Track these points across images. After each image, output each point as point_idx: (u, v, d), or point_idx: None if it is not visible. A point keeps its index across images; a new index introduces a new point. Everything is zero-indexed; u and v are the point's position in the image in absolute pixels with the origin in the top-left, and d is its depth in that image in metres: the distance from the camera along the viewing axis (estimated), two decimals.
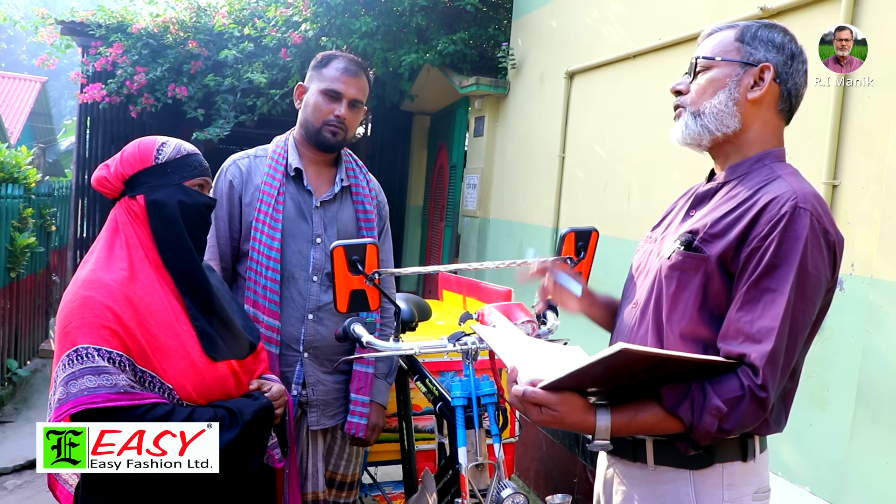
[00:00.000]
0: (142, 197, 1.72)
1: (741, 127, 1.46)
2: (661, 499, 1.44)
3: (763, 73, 1.44)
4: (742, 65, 1.45)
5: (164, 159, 1.75)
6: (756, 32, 1.46)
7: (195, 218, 1.77)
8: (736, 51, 1.46)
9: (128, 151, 1.77)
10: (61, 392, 1.54)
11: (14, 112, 17.25)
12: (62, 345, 1.57)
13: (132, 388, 1.57)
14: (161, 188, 1.73)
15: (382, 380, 2.36)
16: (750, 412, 1.28)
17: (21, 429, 4.77)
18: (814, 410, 2.80)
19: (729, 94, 1.45)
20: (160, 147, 1.77)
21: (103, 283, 1.62)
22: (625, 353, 1.18)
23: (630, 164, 4.36)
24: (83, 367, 1.53)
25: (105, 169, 1.76)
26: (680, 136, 1.51)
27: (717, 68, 1.47)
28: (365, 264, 1.71)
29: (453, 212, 7.41)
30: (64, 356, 1.55)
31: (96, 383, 1.53)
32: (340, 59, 2.25)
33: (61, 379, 1.54)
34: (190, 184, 1.78)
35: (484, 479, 1.84)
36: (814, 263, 1.31)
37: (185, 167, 1.78)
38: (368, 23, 6.43)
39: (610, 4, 4.78)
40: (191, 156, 1.80)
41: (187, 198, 1.75)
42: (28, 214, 5.64)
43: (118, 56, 7.13)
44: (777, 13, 3.15)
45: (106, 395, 1.53)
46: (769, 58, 1.44)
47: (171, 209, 1.72)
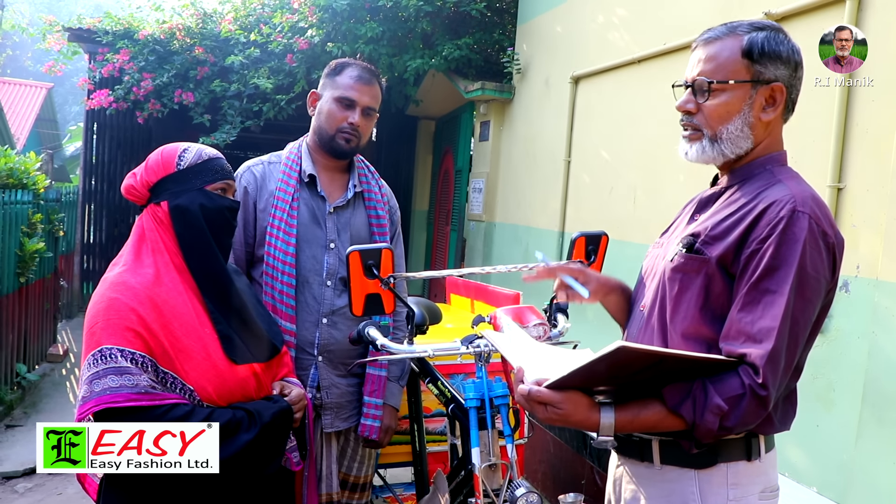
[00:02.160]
0: (165, 203, 1.76)
1: (753, 146, 1.48)
2: (668, 497, 1.47)
3: (775, 93, 1.45)
4: (753, 85, 1.45)
5: (185, 165, 1.79)
6: (763, 48, 1.44)
7: (218, 221, 1.80)
8: (745, 70, 1.45)
9: (152, 159, 1.81)
10: (85, 391, 1.58)
11: (20, 118, 17.35)
12: (88, 344, 1.62)
13: (153, 388, 1.60)
14: (183, 193, 1.77)
15: (395, 383, 2.39)
16: (751, 410, 1.31)
17: (30, 433, 4.80)
18: (820, 411, 2.82)
19: (744, 119, 1.46)
20: (182, 153, 1.80)
21: (129, 285, 1.66)
22: (623, 351, 1.21)
23: (635, 168, 4.39)
24: (106, 366, 1.57)
25: (132, 177, 1.81)
26: (693, 156, 1.53)
27: (729, 91, 1.46)
28: (380, 268, 1.74)
29: (459, 216, 7.44)
30: (89, 356, 1.60)
31: (118, 383, 1.56)
32: (354, 66, 2.29)
33: (86, 378, 1.59)
34: (212, 188, 1.81)
35: (497, 480, 1.87)
36: (813, 265, 1.34)
37: (207, 171, 1.80)
38: (374, 28, 6.48)
39: (615, 9, 4.82)
40: (212, 160, 1.83)
41: (209, 202, 1.78)
42: (37, 220, 5.68)
43: (125, 62, 7.19)
44: (782, 18, 3.18)
45: (127, 395, 1.56)
46: (779, 75, 1.44)
47: (193, 213, 1.75)
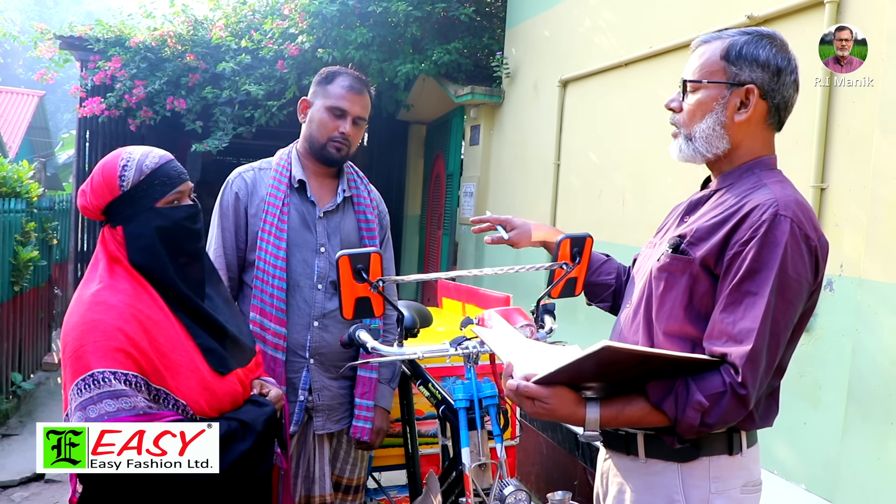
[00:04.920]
0: (120, 228, 1.69)
1: (731, 147, 1.51)
2: (652, 489, 1.50)
3: (749, 94, 1.47)
4: (728, 86, 1.48)
5: (128, 185, 1.68)
6: (741, 50, 1.47)
7: (179, 236, 1.73)
8: (721, 71, 1.48)
9: (95, 180, 1.70)
10: (79, 418, 1.54)
11: (12, 126, 17.30)
12: (75, 369, 1.55)
13: (150, 408, 1.58)
14: (134, 217, 1.68)
15: (386, 385, 2.42)
16: (731, 408, 1.35)
17: (26, 441, 4.79)
18: (807, 409, 2.86)
19: (716, 118, 1.49)
20: (122, 173, 1.68)
21: (110, 304, 1.61)
22: (608, 350, 1.25)
23: (624, 171, 4.43)
24: (101, 391, 1.53)
25: (83, 197, 1.72)
26: (676, 156, 1.58)
27: (703, 90, 1.50)
28: (369, 272, 1.77)
29: (451, 220, 7.47)
30: (79, 380, 1.54)
31: (115, 407, 1.54)
32: (345, 76, 2.32)
33: (77, 404, 1.54)
34: (164, 202, 1.71)
35: (487, 479, 1.90)
36: (794, 268, 1.37)
37: (153, 187, 1.69)
38: (364, 34, 6.51)
39: (601, 14, 4.86)
40: (156, 171, 1.71)
41: (164, 221, 1.70)
42: (30, 228, 5.68)
43: (117, 70, 7.19)
44: (763, 21, 3.23)
45: (126, 419, 1.54)
46: (754, 77, 1.46)
47: (147, 238, 1.68)
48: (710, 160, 1.55)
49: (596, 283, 1.90)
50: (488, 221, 2.06)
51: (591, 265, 1.91)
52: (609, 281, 1.89)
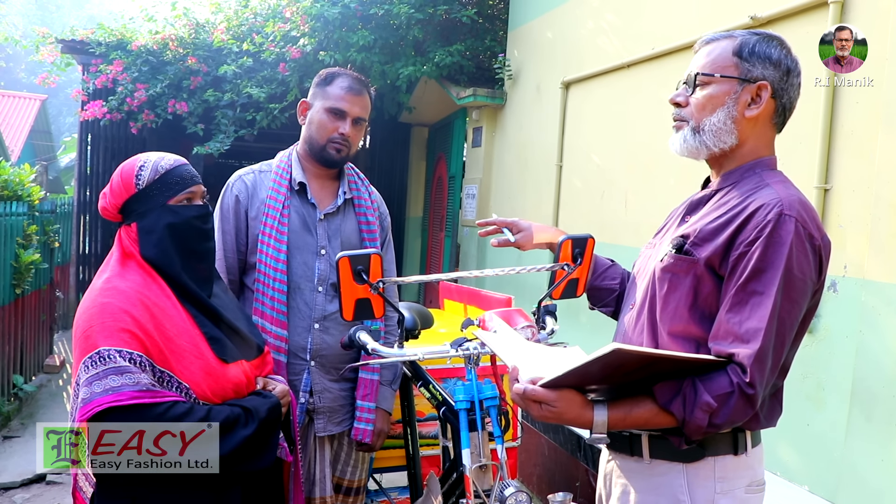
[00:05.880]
0: (134, 224, 1.77)
1: (737, 143, 1.51)
2: (656, 490, 1.50)
3: (760, 91, 1.48)
4: (740, 81, 1.48)
5: (144, 184, 1.77)
6: (754, 48, 1.48)
7: (188, 233, 1.80)
8: (734, 67, 1.49)
9: (114, 181, 1.80)
10: (85, 392, 1.57)
11: (15, 130, 17.34)
12: (83, 348, 1.61)
13: (154, 386, 1.62)
14: (148, 213, 1.77)
15: (387, 386, 2.42)
16: (739, 408, 1.35)
17: (28, 443, 4.79)
18: (810, 410, 2.85)
19: (727, 112, 1.49)
20: (138, 172, 1.78)
21: (119, 289, 1.68)
22: (618, 353, 1.24)
23: (626, 172, 4.43)
24: (106, 367, 1.58)
25: (103, 198, 1.81)
26: (678, 148, 1.57)
27: (715, 84, 1.50)
28: (369, 274, 1.76)
29: (453, 222, 7.46)
30: (86, 358, 1.59)
31: (120, 382, 1.57)
32: (344, 77, 2.31)
33: (84, 380, 1.58)
34: (176, 200, 1.79)
35: (487, 480, 1.89)
36: (799, 267, 1.37)
37: (167, 186, 1.78)
38: (366, 36, 6.51)
39: (604, 15, 4.86)
40: (171, 171, 1.80)
41: (174, 217, 1.78)
42: (32, 231, 5.68)
43: (118, 73, 7.21)
44: (767, 22, 3.22)
45: (130, 393, 1.57)
46: (766, 75, 1.48)
47: (159, 234, 1.75)
48: (715, 155, 1.54)
49: (600, 287, 1.89)
50: (494, 224, 2.05)
51: (596, 269, 1.90)
52: (613, 286, 1.88)
